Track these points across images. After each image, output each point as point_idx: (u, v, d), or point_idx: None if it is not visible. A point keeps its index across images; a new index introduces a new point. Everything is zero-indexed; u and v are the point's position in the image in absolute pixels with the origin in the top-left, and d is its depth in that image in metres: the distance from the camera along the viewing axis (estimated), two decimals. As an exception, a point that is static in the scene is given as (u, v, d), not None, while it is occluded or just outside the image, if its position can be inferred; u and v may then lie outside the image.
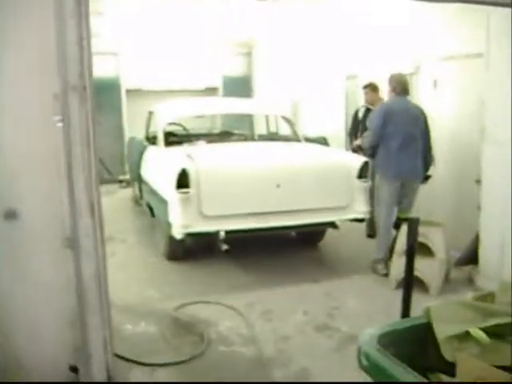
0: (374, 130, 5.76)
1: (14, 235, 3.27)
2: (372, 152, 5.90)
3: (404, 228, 5.71)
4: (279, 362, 4.00)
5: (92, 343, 3.50)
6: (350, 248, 6.72)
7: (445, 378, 1.84)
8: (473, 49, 5.69)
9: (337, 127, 8.81)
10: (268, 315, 4.84)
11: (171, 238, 5.64)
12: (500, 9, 4.44)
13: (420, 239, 5.57)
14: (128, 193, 9.74)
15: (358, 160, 5.95)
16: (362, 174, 5.88)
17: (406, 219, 3.50)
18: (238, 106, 7.84)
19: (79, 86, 3.21)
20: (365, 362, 1.92)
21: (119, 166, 10.79)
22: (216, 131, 8.94)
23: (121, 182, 10.50)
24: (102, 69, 11.47)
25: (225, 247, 5.30)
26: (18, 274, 3.37)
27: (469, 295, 2.30)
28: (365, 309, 4.95)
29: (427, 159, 5.90)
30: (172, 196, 5.40)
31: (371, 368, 1.91)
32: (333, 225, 5.87)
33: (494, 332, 1.91)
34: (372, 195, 6.09)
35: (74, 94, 3.20)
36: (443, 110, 6.58)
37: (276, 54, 10.96)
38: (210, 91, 12.18)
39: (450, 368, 1.83)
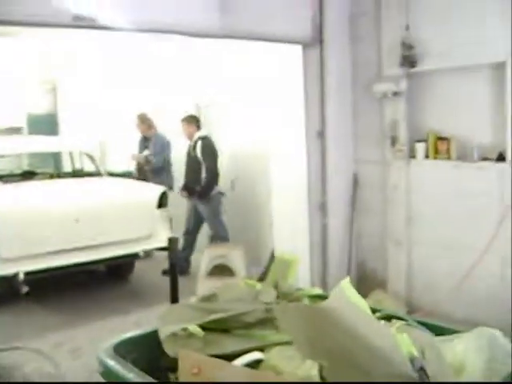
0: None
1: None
2: None
3: (207, 252, 6.07)
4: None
5: None
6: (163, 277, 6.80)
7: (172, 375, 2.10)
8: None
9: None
10: (77, 353, 4.78)
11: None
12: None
13: (222, 261, 5.98)
14: None
15: (157, 190, 6.22)
16: (162, 203, 6.14)
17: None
18: (38, 143, 7.65)
19: None
20: (100, 369, 2.18)
21: None
22: (18, 171, 8.61)
23: None
24: None
25: (25, 289, 5.17)
26: None
27: (194, 298, 2.58)
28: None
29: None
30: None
31: (106, 374, 2.15)
32: (137, 256, 6.00)
33: (210, 327, 2.21)
34: None
35: None
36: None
37: (78, 89, 10.81)
38: (14, 131, 11.57)
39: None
